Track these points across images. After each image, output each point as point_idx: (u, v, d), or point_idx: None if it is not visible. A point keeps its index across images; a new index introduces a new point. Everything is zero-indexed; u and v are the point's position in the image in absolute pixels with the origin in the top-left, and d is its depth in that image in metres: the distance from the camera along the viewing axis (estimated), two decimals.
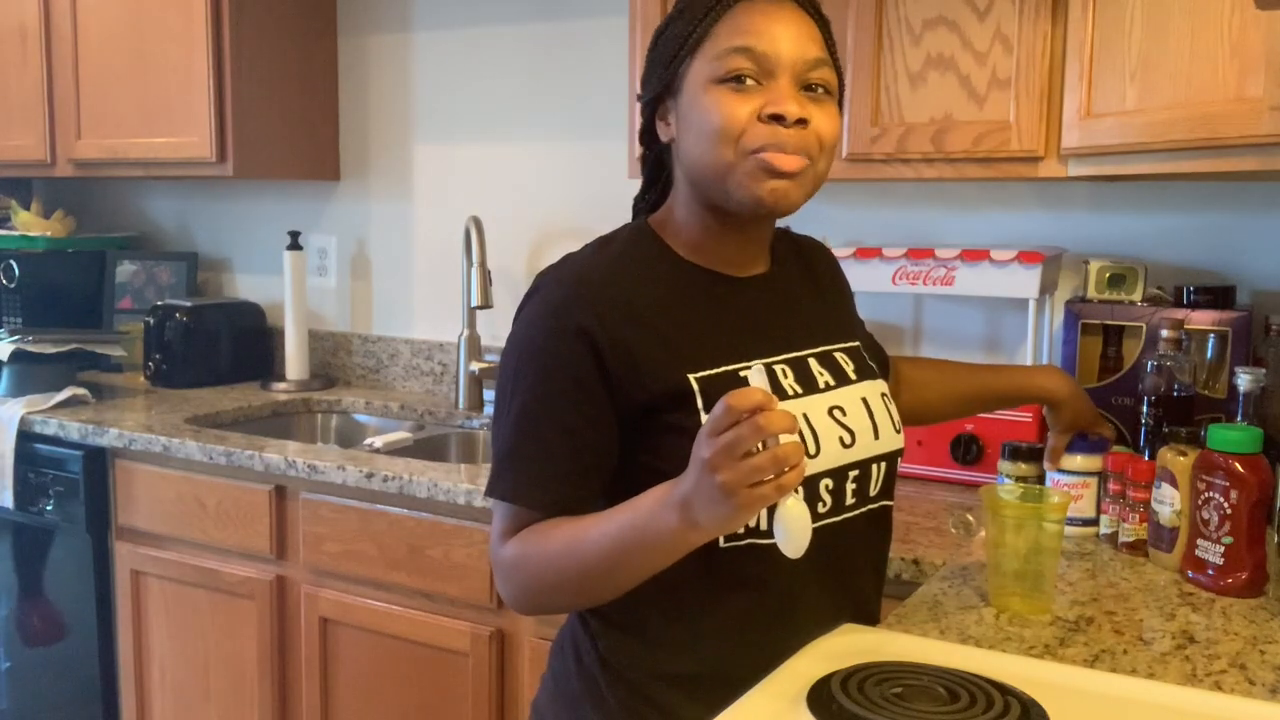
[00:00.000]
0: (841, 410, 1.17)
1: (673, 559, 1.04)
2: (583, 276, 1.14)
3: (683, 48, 1.13)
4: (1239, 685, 1.16)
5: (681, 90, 1.14)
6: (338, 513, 2.16)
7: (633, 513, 1.04)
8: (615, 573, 1.07)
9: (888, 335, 2.29)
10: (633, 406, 1.11)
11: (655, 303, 1.14)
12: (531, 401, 1.11)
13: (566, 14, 2.60)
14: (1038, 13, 1.77)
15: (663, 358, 1.11)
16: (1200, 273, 2.01)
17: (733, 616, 1.14)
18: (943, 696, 0.99)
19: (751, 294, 1.21)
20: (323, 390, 2.91)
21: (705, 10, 1.13)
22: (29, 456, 2.55)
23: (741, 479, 0.93)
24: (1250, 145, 1.38)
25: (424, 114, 2.85)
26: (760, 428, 0.92)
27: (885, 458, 1.22)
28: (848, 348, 1.26)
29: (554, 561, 1.09)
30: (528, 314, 1.15)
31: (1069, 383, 1.58)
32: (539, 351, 1.11)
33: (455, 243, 2.76)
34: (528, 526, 1.12)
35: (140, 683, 2.49)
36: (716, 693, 1.07)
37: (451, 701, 2.07)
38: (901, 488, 2.00)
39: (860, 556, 1.23)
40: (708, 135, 1.11)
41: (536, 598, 1.14)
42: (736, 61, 1.10)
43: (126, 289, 3.18)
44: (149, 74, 2.75)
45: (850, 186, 2.26)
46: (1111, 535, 1.63)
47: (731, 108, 1.10)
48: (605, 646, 1.19)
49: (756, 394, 0.94)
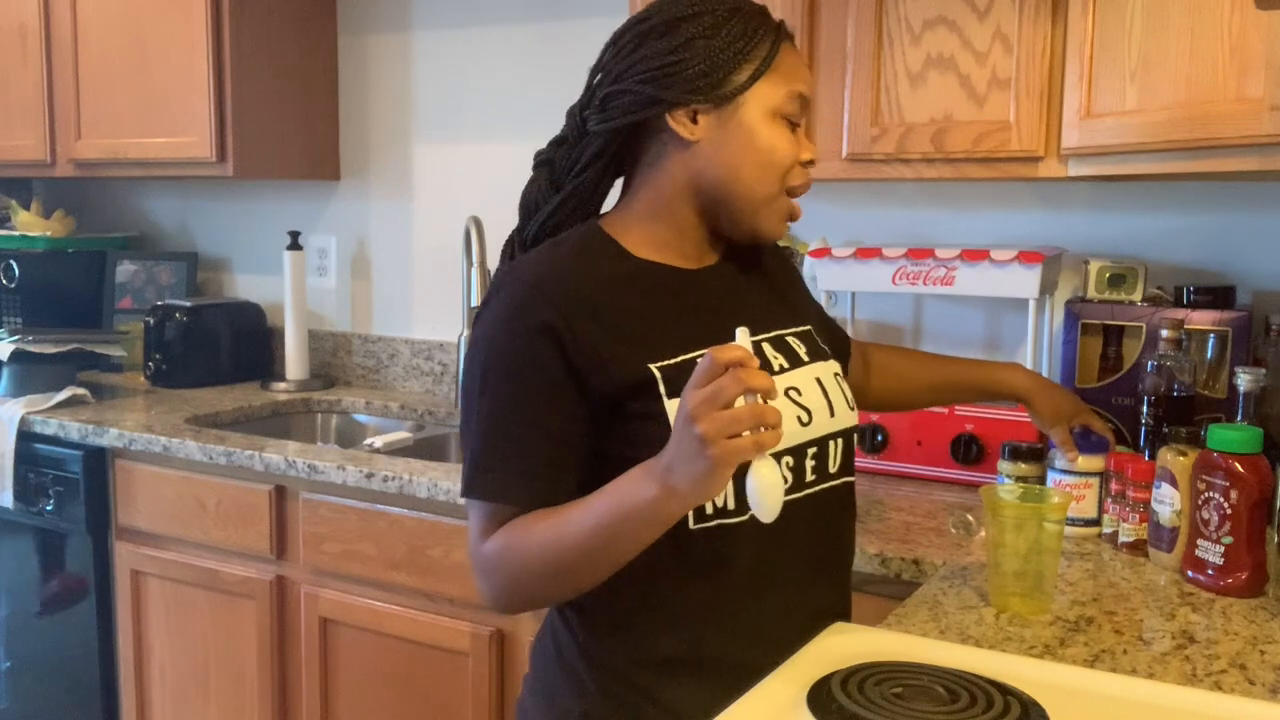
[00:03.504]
0: (797, 390, 1.21)
1: (653, 533, 1.06)
2: (541, 275, 1.17)
3: (743, 61, 1.17)
4: (1239, 685, 1.16)
5: (739, 107, 1.18)
6: (338, 513, 2.16)
7: (613, 493, 1.07)
8: (599, 555, 1.09)
9: (888, 335, 2.30)
10: (599, 398, 1.13)
11: (611, 297, 1.17)
12: (501, 400, 1.14)
13: (566, 14, 2.60)
14: (1038, 13, 1.77)
15: (623, 350, 1.14)
16: (1200, 273, 2.01)
17: (705, 597, 1.17)
18: (943, 696, 0.99)
19: (704, 284, 1.24)
20: (323, 390, 2.91)
21: (761, 37, 1.18)
22: (29, 456, 2.55)
23: (720, 429, 0.96)
24: (1250, 145, 1.38)
25: (424, 114, 2.85)
26: (740, 379, 0.96)
27: (841, 434, 1.26)
28: (799, 331, 1.29)
29: (538, 551, 1.11)
30: (490, 315, 1.17)
31: (1032, 377, 1.62)
32: (505, 350, 1.14)
33: (455, 243, 2.76)
34: (508, 522, 1.14)
35: (140, 683, 2.49)
36: (695, 673, 1.16)
37: (451, 701, 2.07)
38: (901, 487, 2.02)
39: (826, 532, 1.26)
40: (764, 165, 1.19)
41: (520, 591, 1.15)
42: (796, 105, 1.20)
43: (126, 289, 3.18)
44: (149, 74, 2.75)
45: (850, 186, 2.26)
46: (1113, 535, 1.63)
47: (790, 146, 1.20)
48: (584, 636, 1.21)
49: (738, 350, 0.98)
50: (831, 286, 2.11)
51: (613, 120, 1.20)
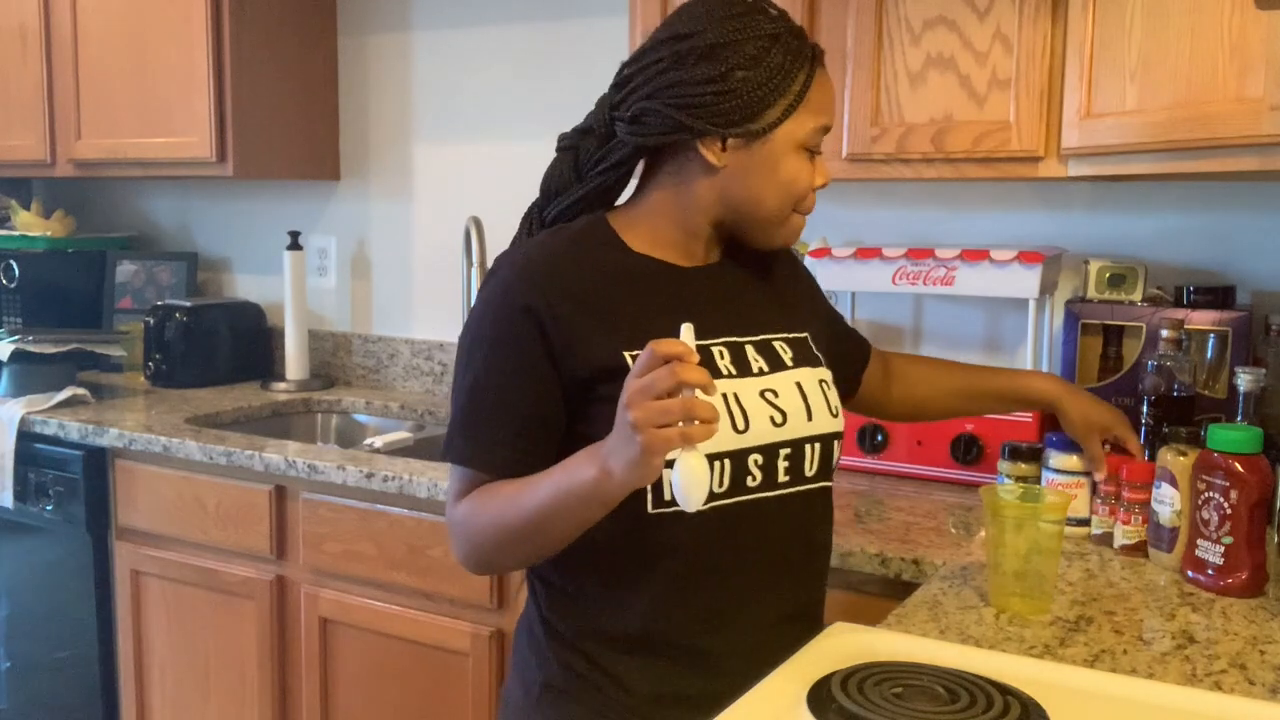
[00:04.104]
0: (774, 393, 1.24)
1: (593, 512, 1.11)
2: (531, 259, 1.23)
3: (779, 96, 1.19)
4: (1239, 685, 1.16)
5: (768, 140, 1.21)
6: (338, 513, 2.16)
7: (561, 470, 1.13)
8: (546, 527, 1.14)
9: (888, 335, 2.30)
10: (573, 380, 1.19)
11: (598, 286, 1.21)
12: (483, 374, 1.20)
13: (566, 14, 2.60)
14: (1038, 13, 1.77)
15: (601, 336, 1.19)
16: (1200, 273, 2.01)
17: (661, 581, 1.21)
18: (943, 696, 0.99)
19: (696, 282, 1.27)
20: (323, 390, 2.91)
21: (797, 69, 1.20)
22: (29, 456, 2.55)
23: (650, 418, 1.00)
24: (1250, 145, 1.38)
25: (424, 114, 2.85)
26: (675, 373, 1.00)
27: (819, 439, 1.27)
28: (790, 337, 1.30)
29: (496, 518, 1.18)
30: (483, 294, 1.24)
31: (1061, 384, 1.59)
32: (491, 327, 1.21)
33: (455, 243, 2.76)
34: (478, 488, 1.20)
35: (140, 682, 2.49)
36: (646, 652, 1.22)
37: (451, 701, 2.07)
38: (901, 487, 2.02)
39: (796, 533, 1.28)
40: (783, 193, 1.23)
41: (482, 553, 1.22)
42: (819, 137, 1.24)
43: (126, 289, 3.18)
44: (149, 74, 2.75)
45: (850, 186, 2.26)
46: (1102, 536, 1.63)
47: (808, 176, 1.24)
48: (548, 610, 1.27)
49: (678, 344, 1.02)
50: (831, 286, 2.10)
51: (642, 138, 1.23)
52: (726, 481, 1.19)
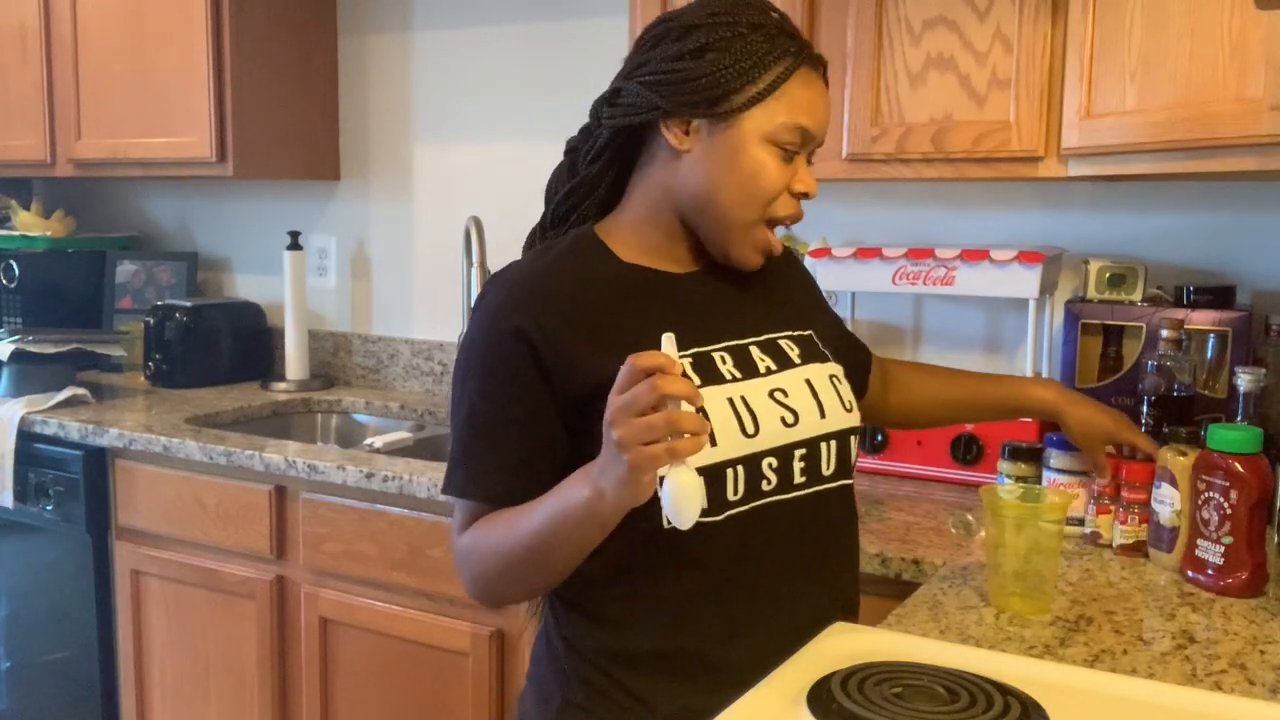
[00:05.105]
0: (783, 392, 1.20)
1: (591, 535, 1.08)
2: (519, 280, 1.19)
3: (748, 81, 1.15)
4: (1239, 685, 1.16)
5: (731, 126, 1.16)
6: (338, 513, 2.16)
7: (557, 494, 1.10)
8: (545, 552, 1.12)
9: (888, 335, 2.30)
10: (570, 399, 1.15)
11: (591, 301, 1.18)
12: (478, 401, 1.17)
13: (566, 14, 2.60)
14: (1038, 13, 1.77)
15: (597, 352, 1.14)
16: (1200, 273, 2.01)
17: (678, 595, 1.17)
18: (943, 696, 0.99)
19: (690, 287, 1.24)
20: (323, 390, 2.91)
21: (775, 60, 1.16)
22: (29, 456, 2.55)
23: (635, 435, 0.97)
24: (1250, 145, 1.38)
25: (424, 114, 2.85)
26: (656, 387, 0.96)
27: (835, 436, 1.23)
28: (795, 335, 1.27)
29: (497, 547, 1.15)
30: (474, 319, 1.20)
31: (1063, 392, 1.56)
32: (482, 353, 1.18)
33: (455, 243, 2.76)
34: (481, 518, 1.18)
35: (140, 683, 2.49)
36: (667, 668, 1.17)
37: (451, 701, 2.07)
38: (901, 487, 2.02)
39: (817, 536, 1.24)
40: (746, 189, 1.17)
41: (488, 584, 1.20)
42: (794, 136, 1.17)
43: (126, 289, 3.18)
44: (149, 74, 2.75)
45: (850, 186, 2.26)
46: (1092, 535, 1.62)
47: (778, 175, 1.18)
48: (567, 627, 1.24)
49: (658, 356, 0.98)
50: (831, 286, 2.10)
51: (615, 118, 1.21)
52: (741, 488, 1.15)
